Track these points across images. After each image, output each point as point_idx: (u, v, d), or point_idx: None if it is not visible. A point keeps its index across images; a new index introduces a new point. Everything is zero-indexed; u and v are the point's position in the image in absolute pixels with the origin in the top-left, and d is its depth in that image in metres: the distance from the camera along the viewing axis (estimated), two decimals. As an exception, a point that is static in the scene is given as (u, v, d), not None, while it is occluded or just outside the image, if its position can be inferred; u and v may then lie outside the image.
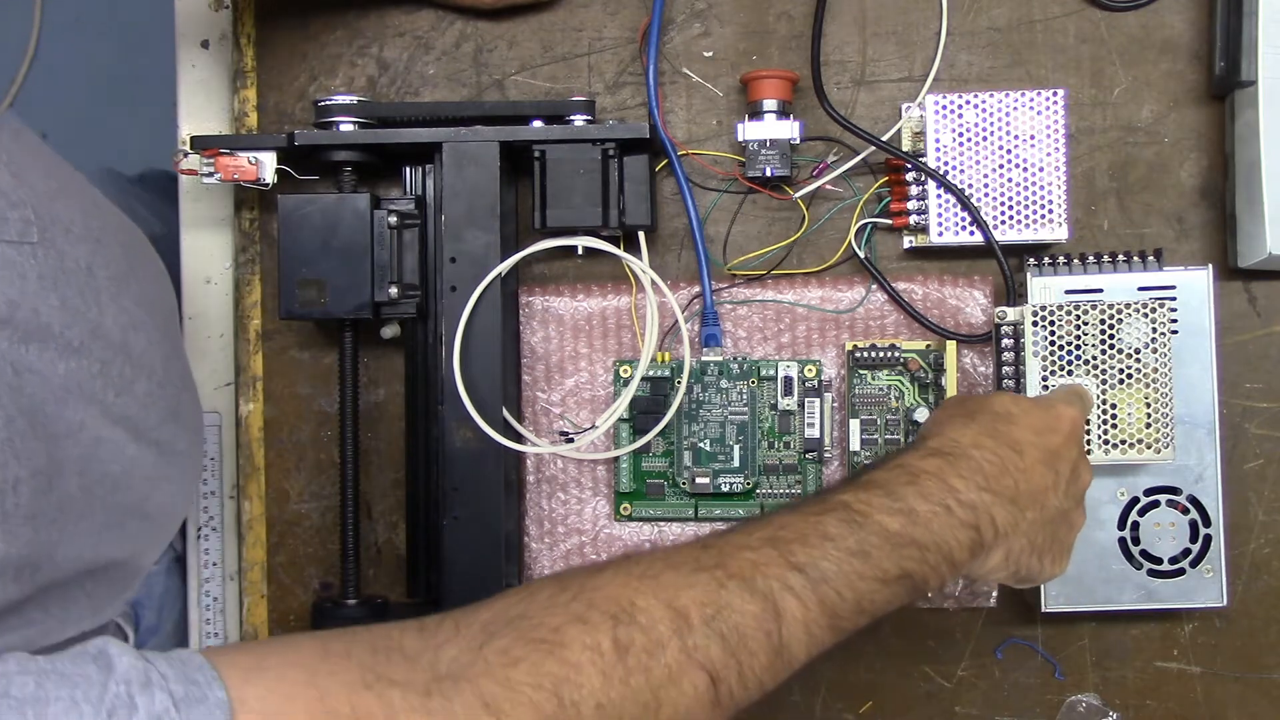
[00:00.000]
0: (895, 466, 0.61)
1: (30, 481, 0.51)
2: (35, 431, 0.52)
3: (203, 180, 0.79)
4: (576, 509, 0.83)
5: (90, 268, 0.59)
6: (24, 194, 0.55)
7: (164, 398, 0.65)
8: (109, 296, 0.60)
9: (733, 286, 0.82)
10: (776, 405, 0.80)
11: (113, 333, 0.59)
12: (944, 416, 0.66)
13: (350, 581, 0.80)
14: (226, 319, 0.85)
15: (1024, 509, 0.62)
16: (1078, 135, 0.80)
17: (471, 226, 0.77)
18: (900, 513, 0.59)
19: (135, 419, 0.61)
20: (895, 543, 0.58)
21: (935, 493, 0.60)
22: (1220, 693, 0.80)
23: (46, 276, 0.55)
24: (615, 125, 0.79)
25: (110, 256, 0.62)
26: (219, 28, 0.86)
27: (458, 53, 0.84)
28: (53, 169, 0.62)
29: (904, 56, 0.82)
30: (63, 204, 0.59)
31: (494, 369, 0.77)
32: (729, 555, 0.56)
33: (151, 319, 0.65)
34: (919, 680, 0.81)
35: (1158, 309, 0.72)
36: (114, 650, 0.46)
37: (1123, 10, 0.81)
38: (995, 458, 0.62)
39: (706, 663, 0.53)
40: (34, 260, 0.54)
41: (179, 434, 0.67)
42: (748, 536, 0.57)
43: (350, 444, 0.80)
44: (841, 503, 0.59)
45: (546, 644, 0.51)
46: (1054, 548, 0.65)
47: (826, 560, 0.56)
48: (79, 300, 0.57)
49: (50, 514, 0.53)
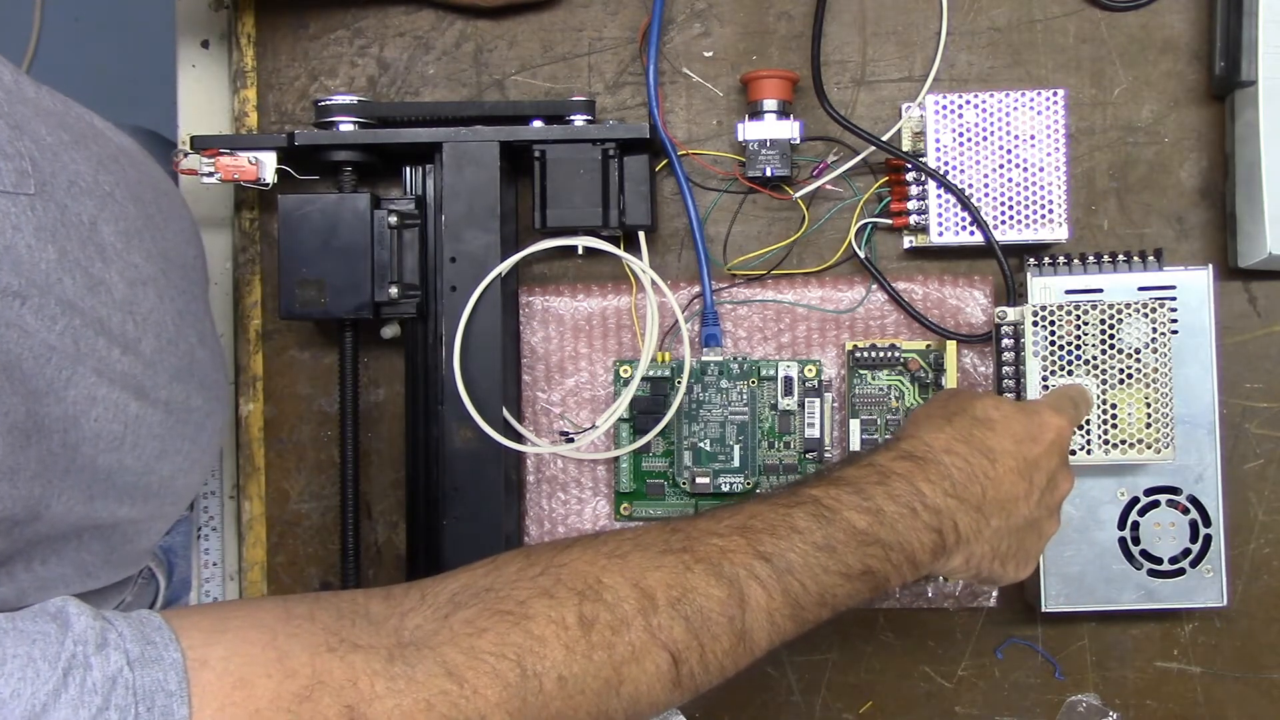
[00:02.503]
0: (867, 465, 0.62)
1: (7, 437, 0.50)
2: (14, 387, 0.51)
3: (203, 180, 0.79)
4: (576, 509, 0.83)
5: (95, 222, 0.58)
6: (24, 145, 0.54)
7: (174, 355, 0.64)
8: (115, 253, 0.59)
9: (733, 286, 0.82)
10: (776, 405, 0.80)
11: (117, 287, 0.59)
12: (924, 415, 0.66)
13: (350, 581, 0.80)
14: (226, 319, 0.85)
15: (989, 516, 0.63)
16: (1078, 135, 0.80)
17: (471, 226, 0.77)
18: (868, 511, 0.59)
19: (139, 377, 0.60)
20: (861, 540, 0.59)
21: (903, 494, 0.60)
22: (1220, 693, 0.80)
23: (45, 228, 0.54)
24: (615, 125, 0.79)
25: (121, 211, 0.61)
26: (219, 28, 0.86)
27: (458, 53, 0.84)
28: (68, 120, 0.61)
29: (904, 56, 0.82)
30: (71, 156, 0.58)
31: (494, 369, 0.77)
32: (697, 540, 0.57)
33: (165, 275, 0.64)
34: (919, 680, 0.81)
35: (1158, 309, 0.72)
36: (73, 609, 0.46)
37: (1123, 10, 0.81)
38: (965, 464, 0.63)
39: (669, 643, 0.53)
40: (30, 212, 0.53)
41: (192, 392, 0.66)
42: (717, 524, 0.58)
43: (350, 444, 0.80)
44: (812, 497, 0.60)
45: (512, 615, 0.52)
46: (1018, 555, 0.66)
47: (793, 552, 0.57)
48: (79, 253, 0.56)
49: (31, 468, 0.52)
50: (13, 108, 0.56)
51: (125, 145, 0.67)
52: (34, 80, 0.61)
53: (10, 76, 0.58)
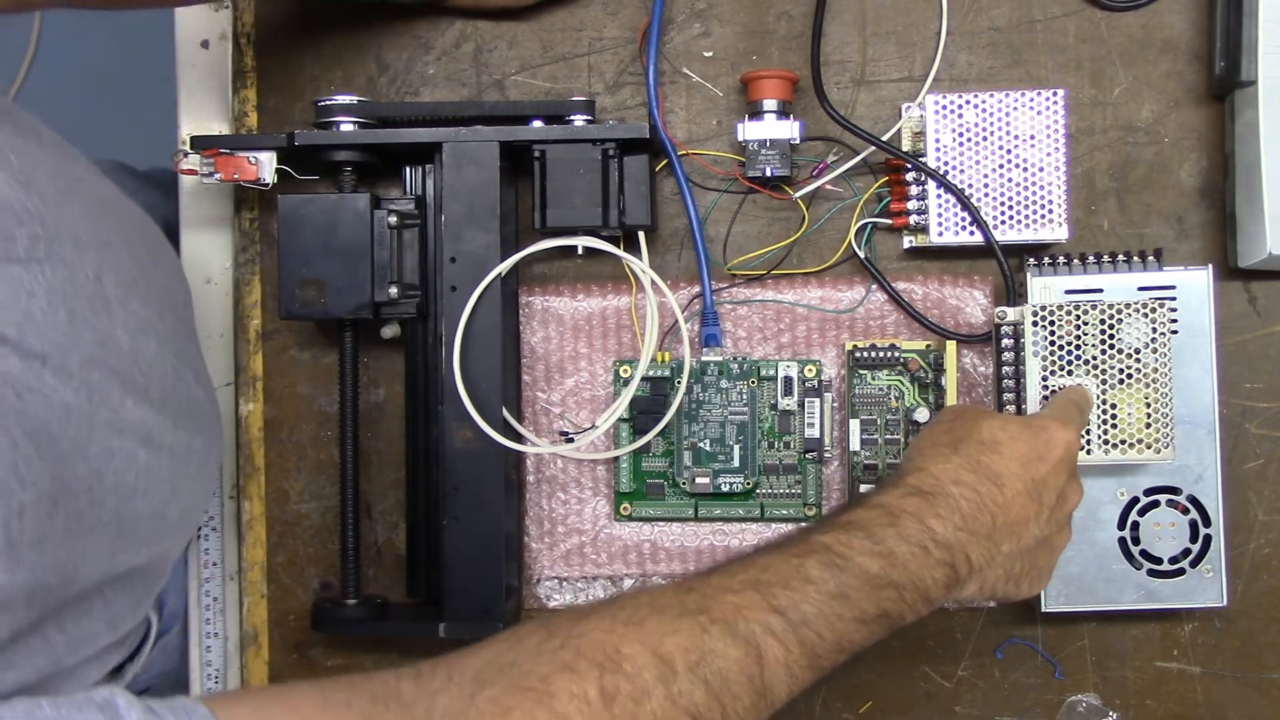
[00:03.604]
0: (876, 506, 0.62)
1: (35, 506, 0.51)
2: (41, 454, 0.52)
3: (203, 180, 0.79)
4: (576, 509, 0.83)
5: (99, 275, 0.59)
6: (33, 204, 0.55)
7: (176, 399, 0.65)
8: (118, 304, 0.60)
9: (733, 286, 0.82)
10: (776, 405, 0.80)
11: (122, 340, 0.60)
12: (929, 443, 0.66)
13: (350, 581, 0.80)
14: (226, 319, 0.85)
15: (1000, 543, 0.63)
16: (1078, 135, 0.80)
17: (471, 226, 0.77)
18: (880, 555, 0.60)
19: (148, 424, 0.61)
20: (874, 584, 0.59)
21: (913, 534, 0.61)
22: (1220, 693, 0.80)
23: (55, 291, 0.55)
24: (615, 125, 0.79)
25: (119, 260, 0.62)
26: (219, 28, 0.86)
27: (458, 53, 0.84)
28: (60, 165, 0.61)
29: (904, 56, 0.82)
30: (71, 208, 0.59)
31: (494, 369, 0.77)
32: (712, 599, 0.57)
33: (162, 320, 0.65)
34: (919, 680, 0.81)
35: (1158, 309, 0.72)
36: (121, 702, 0.47)
37: (1123, 10, 0.81)
38: (974, 494, 0.63)
39: (691, 708, 0.54)
40: (42, 277, 0.54)
41: (193, 434, 0.67)
42: (730, 579, 0.58)
43: (350, 444, 0.80)
44: (823, 545, 0.60)
45: (535, 693, 0.52)
46: (1031, 573, 0.66)
47: (807, 603, 0.57)
48: (88, 311, 0.57)
49: (58, 535, 0.53)
50: (21, 160, 0.56)
51: (109, 189, 0.67)
52: (19, 107, 0.61)
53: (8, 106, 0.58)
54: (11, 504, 0.50)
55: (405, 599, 0.82)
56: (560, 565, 0.82)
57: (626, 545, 0.82)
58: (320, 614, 0.80)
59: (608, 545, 0.82)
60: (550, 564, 0.82)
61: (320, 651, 0.84)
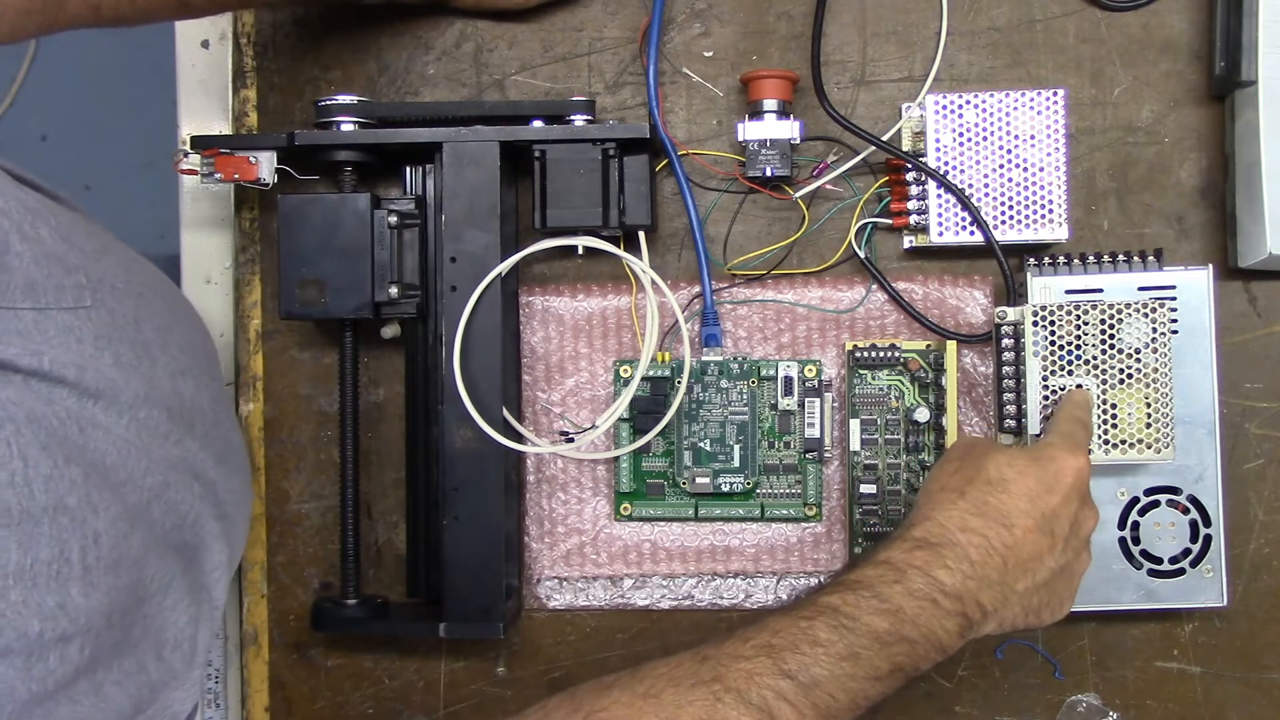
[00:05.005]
0: (882, 563, 0.62)
1: (110, 531, 0.54)
2: (102, 481, 0.55)
3: (203, 180, 0.79)
4: (576, 509, 0.83)
5: (137, 321, 0.62)
6: (75, 258, 0.59)
7: (216, 438, 0.68)
8: (158, 348, 0.63)
9: (733, 286, 0.82)
10: (776, 405, 0.80)
11: (164, 381, 0.63)
12: (937, 488, 0.66)
13: (350, 581, 0.80)
14: (226, 319, 0.85)
15: (1013, 584, 0.63)
16: (1078, 135, 0.80)
17: (471, 226, 0.77)
18: (888, 613, 0.60)
19: (196, 459, 0.65)
20: (885, 641, 0.60)
21: (921, 589, 0.61)
22: (1220, 693, 0.80)
23: (102, 336, 0.58)
24: (615, 125, 0.79)
25: (153, 309, 0.65)
26: (219, 28, 0.86)
27: (458, 53, 0.84)
28: (92, 229, 0.65)
29: (904, 56, 0.82)
30: (106, 261, 0.62)
31: (494, 369, 0.77)
32: (725, 667, 0.58)
33: (196, 365, 0.68)
34: (919, 680, 0.81)
35: (1158, 309, 0.72)
36: None
37: (1123, 10, 0.81)
38: (982, 539, 0.63)
39: None
40: (89, 322, 0.58)
41: (232, 474, 0.70)
42: (743, 644, 0.60)
43: (350, 444, 0.80)
44: (831, 606, 0.60)
45: None
46: (1051, 603, 0.66)
47: (818, 666, 0.58)
48: (130, 354, 0.60)
49: (131, 558, 0.56)
50: (58, 218, 0.59)
51: (129, 249, 0.70)
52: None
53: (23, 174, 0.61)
54: (87, 531, 0.52)
55: (405, 599, 0.82)
56: (560, 565, 0.82)
57: (626, 545, 0.82)
58: (320, 614, 0.80)
59: (608, 545, 0.82)
60: (550, 564, 0.82)
61: (320, 651, 0.84)
